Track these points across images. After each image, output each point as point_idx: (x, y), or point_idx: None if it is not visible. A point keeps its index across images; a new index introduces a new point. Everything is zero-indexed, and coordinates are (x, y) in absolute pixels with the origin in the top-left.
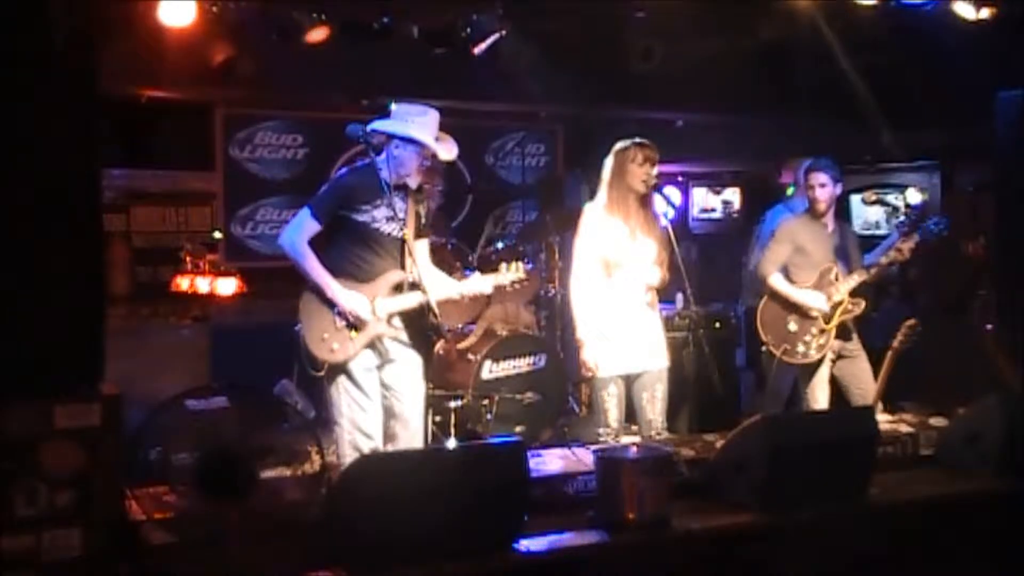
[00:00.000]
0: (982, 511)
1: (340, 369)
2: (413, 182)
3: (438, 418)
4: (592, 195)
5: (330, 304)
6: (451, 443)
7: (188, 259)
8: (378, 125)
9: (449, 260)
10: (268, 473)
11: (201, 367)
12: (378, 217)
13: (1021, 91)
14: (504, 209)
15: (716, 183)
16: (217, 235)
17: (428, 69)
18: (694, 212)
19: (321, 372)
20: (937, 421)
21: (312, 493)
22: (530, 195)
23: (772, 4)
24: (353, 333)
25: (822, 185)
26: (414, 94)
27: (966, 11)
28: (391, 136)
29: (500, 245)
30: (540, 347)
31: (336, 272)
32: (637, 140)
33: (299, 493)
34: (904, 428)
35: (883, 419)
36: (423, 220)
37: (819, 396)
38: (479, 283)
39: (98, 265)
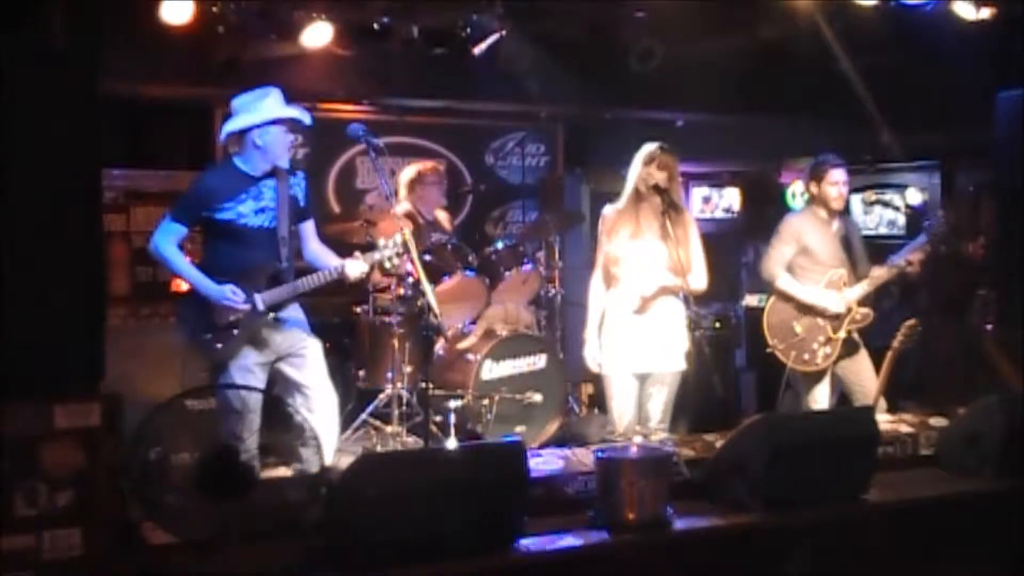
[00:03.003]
0: (982, 511)
1: (221, 368)
2: (285, 161)
3: (438, 418)
4: (592, 195)
5: (206, 303)
6: (451, 443)
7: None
8: (233, 126)
9: (450, 260)
10: (268, 473)
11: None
12: (244, 212)
13: (1021, 91)
14: (504, 209)
15: (716, 183)
16: None
17: (428, 69)
18: (694, 212)
19: (205, 372)
20: (937, 421)
21: (312, 493)
22: (530, 195)
23: (772, 4)
24: (234, 331)
25: (844, 183)
26: (414, 94)
27: (966, 11)
28: (249, 130)
29: (500, 245)
30: (540, 347)
31: (212, 273)
32: (655, 143)
33: (299, 493)
34: (904, 428)
35: (883, 419)
36: (301, 202)
37: (819, 397)
38: (356, 264)
39: (98, 265)
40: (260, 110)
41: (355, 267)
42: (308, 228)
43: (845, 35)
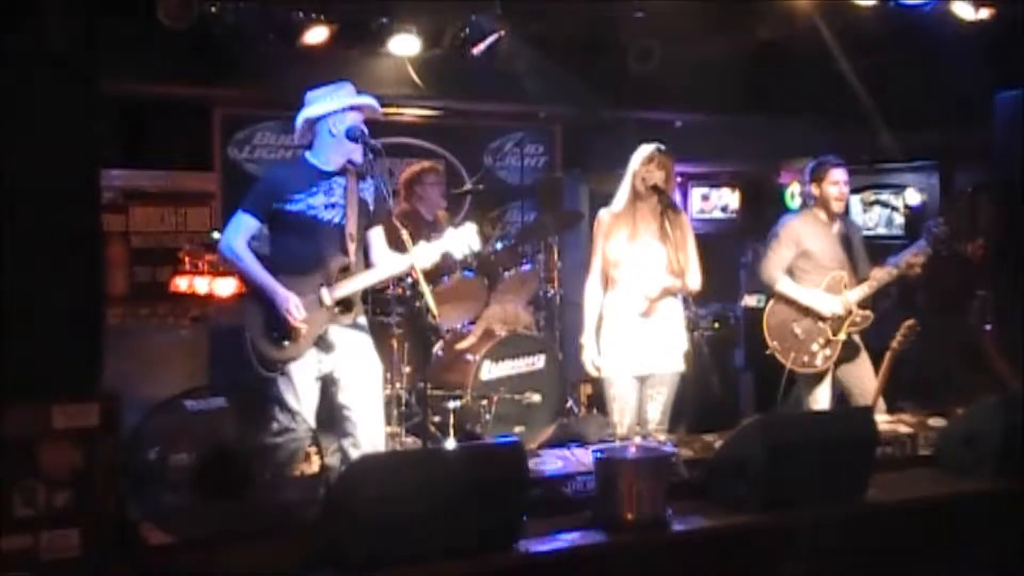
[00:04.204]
0: (981, 511)
1: (279, 372)
2: (359, 155)
3: (437, 418)
4: (591, 195)
5: (272, 303)
6: (450, 444)
7: (187, 259)
8: (311, 112)
9: (449, 260)
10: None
11: (199, 367)
12: (315, 204)
13: (1020, 91)
14: (503, 210)
15: (715, 183)
16: (216, 235)
17: (427, 69)
18: (693, 212)
19: (275, 372)
20: (936, 421)
21: (312, 493)
22: (529, 195)
23: (771, 4)
24: (304, 327)
25: (845, 183)
26: (413, 94)
27: (965, 11)
28: (323, 119)
29: (499, 246)
30: (539, 347)
31: (278, 268)
32: (652, 144)
33: (299, 493)
34: (903, 428)
35: (882, 419)
36: (371, 206)
37: (820, 397)
38: (426, 252)
39: (96, 265)
40: (336, 98)
41: (424, 257)
42: (377, 234)
43: (844, 35)
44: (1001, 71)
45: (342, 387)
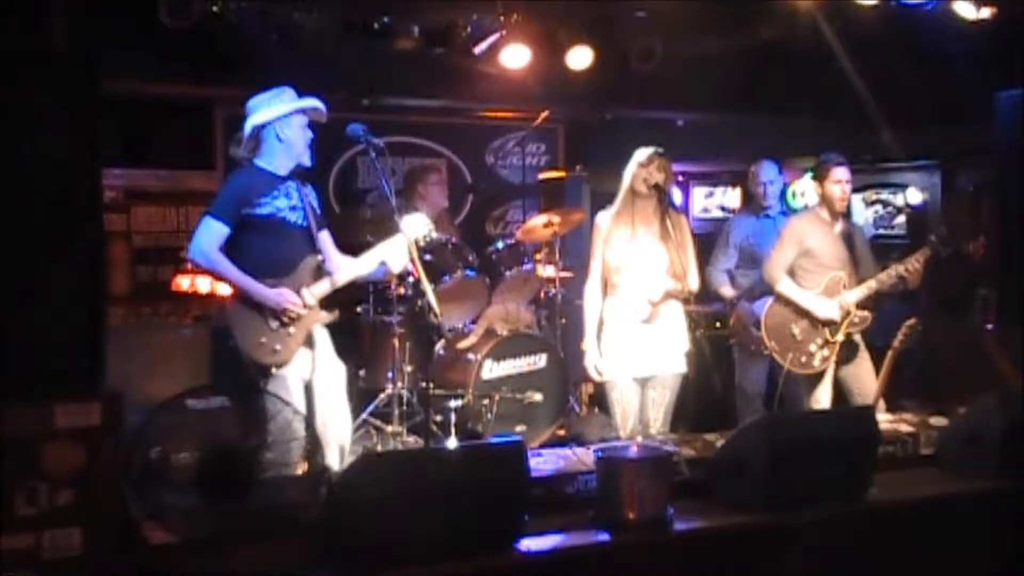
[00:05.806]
0: (982, 511)
1: (269, 375)
2: (307, 158)
3: (439, 418)
4: (592, 195)
5: (258, 307)
6: (452, 443)
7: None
8: (257, 120)
9: (450, 259)
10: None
11: (201, 366)
12: (281, 208)
13: (1021, 91)
14: (504, 209)
15: (716, 183)
16: None
17: (428, 68)
18: (694, 212)
19: (271, 375)
20: (937, 421)
21: (313, 492)
22: (530, 195)
23: (772, 4)
24: (291, 329)
25: (847, 181)
26: (414, 94)
27: (966, 11)
28: (271, 124)
29: (500, 245)
30: (541, 347)
31: (256, 273)
32: (651, 147)
33: (300, 492)
34: (904, 428)
35: (883, 419)
36: (317, 211)
37: (821, 397)
38: (389, 247)
39: (98, 264)
40: (279, 104)
41: (397, 259)
42: (326, 237)
43: (845, 34)
44: (1002, 70)
45: (317, 386)
